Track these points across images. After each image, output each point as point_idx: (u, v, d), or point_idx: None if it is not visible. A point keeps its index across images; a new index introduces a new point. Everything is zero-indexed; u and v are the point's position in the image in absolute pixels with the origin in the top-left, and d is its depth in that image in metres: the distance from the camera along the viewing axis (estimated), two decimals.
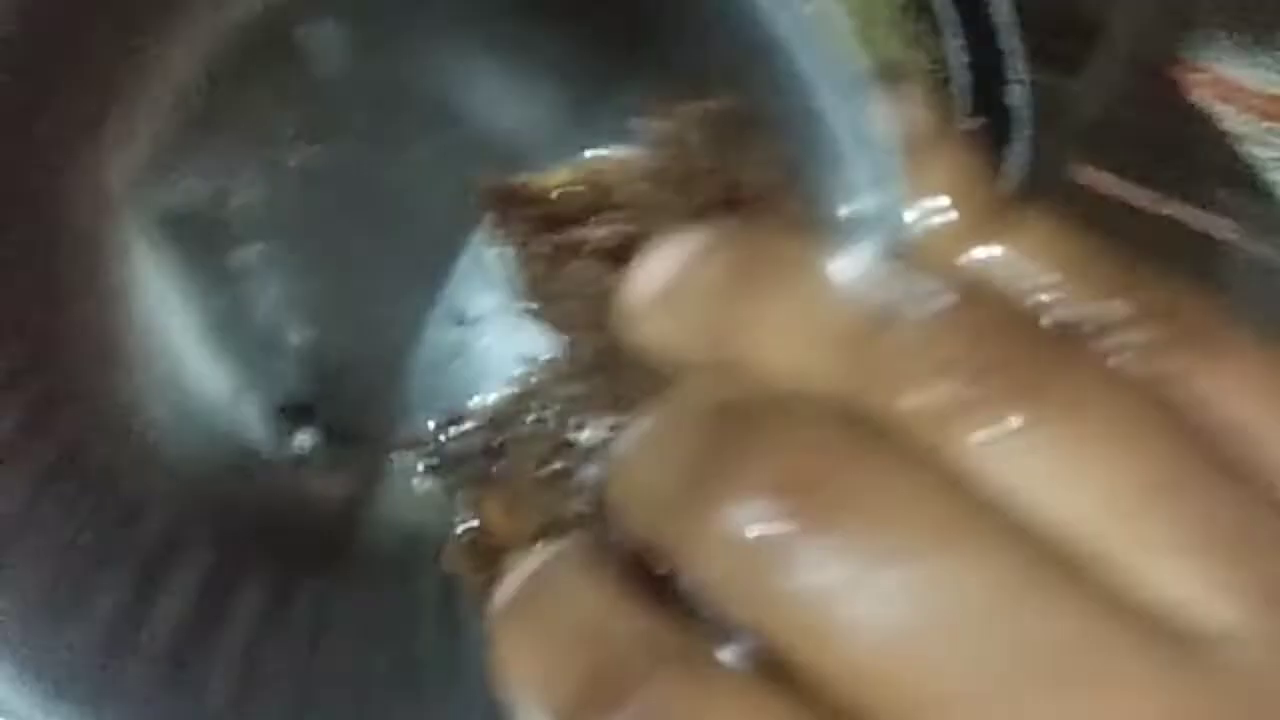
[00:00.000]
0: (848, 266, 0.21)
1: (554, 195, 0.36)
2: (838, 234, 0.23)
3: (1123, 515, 0.19)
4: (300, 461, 0.39)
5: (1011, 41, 0.44)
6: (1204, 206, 0.57)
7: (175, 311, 0.38)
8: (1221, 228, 0.57)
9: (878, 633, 0.19)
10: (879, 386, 0.20)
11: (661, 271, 0.23)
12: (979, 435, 0.19)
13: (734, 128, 0.32)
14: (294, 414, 0.39)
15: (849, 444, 0.20)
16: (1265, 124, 0.56)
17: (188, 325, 0.38)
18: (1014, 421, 0.19)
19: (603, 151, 0.35)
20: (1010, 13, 0.44)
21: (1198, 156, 0.56)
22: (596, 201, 0.36)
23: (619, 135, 0.35)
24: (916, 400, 0.19)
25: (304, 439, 0.39)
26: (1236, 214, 0.58)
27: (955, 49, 0.44)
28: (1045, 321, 0.21)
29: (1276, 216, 0.57)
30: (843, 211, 0.23)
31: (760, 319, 0.21)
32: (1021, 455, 0.19)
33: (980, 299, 0.21)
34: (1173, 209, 0.57)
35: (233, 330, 0.39)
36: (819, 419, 0.20)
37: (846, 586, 0.19)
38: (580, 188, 0.35)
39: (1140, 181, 0.56)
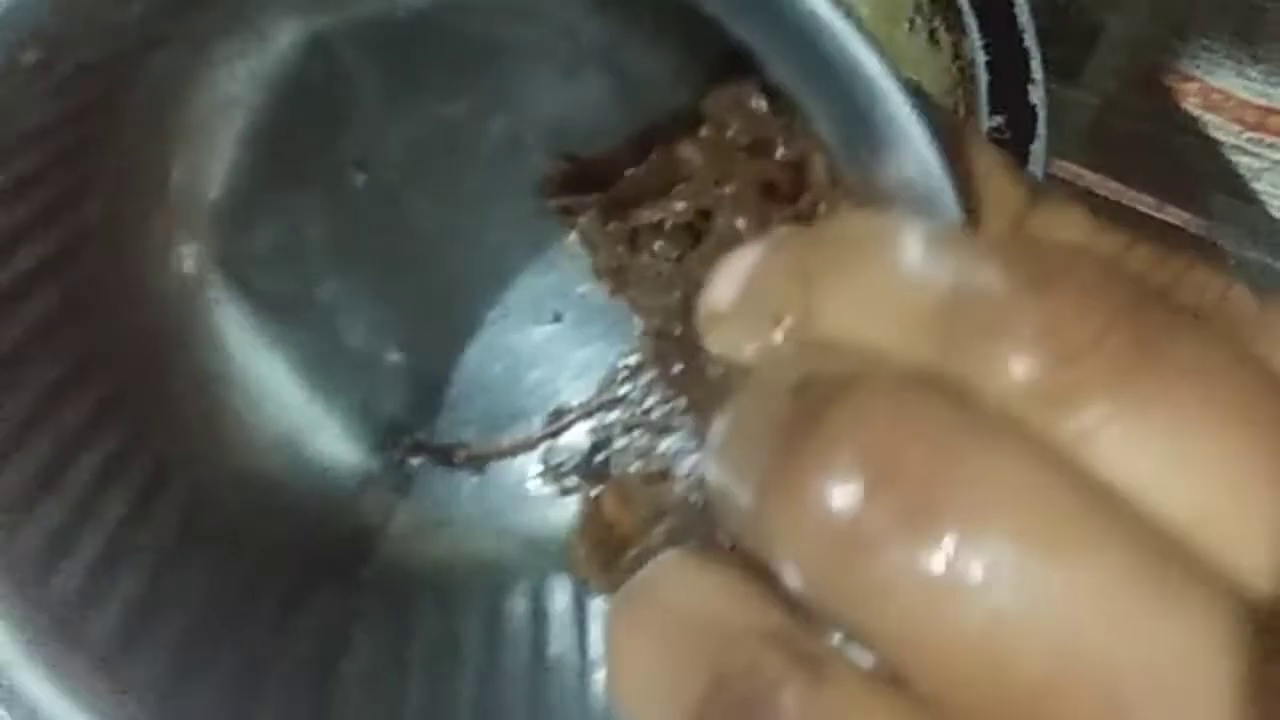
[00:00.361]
0: (920, 238, 0.20)
1: (625, 175, 0.35)
2: (896, 210, 0.22)
3: (1236, 498, 0.17)
4: (398, 481, 0.38)
5: (1033, 42, 0.46)
6: (1195, 211, 0.59)
7: (272, 354, 0.38)
8: (1214, 231, 0.60)
9: (978, 634, 0.17)
10: (972, 359, 0.18)
11: (734, 275, 0.22)
12: (1082, 417, 0.17)
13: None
14: (392, 435, 0.38)
15: (941, 416, 0.18)
16: (1250, 133, 0.59)
17: (286, 365, 0.38)
18: (1120, 404, 0.17)
19: (664, 125, 0.34)
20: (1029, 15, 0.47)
21: (1188, 163, 0.59)
22: (667, 177, 0.34)
23: (683, 110, 0.34)
24: (1015, 375, 0.18)
25: (402, 458, 0.38)
26: (1225, 219, 0.61)
27: (977, 48, 0.46)
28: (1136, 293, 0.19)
29: (1263, 222, 0.59)
30: (893, 191, 0.22)
31: (837, 295, 0.20)
32: (1128, 440, 0.17)
33: (1073, 265, 0.19)
34: (1170, 214, 0.60)
35: (331, 362, 0.38)
36: (910, 389, 0.18)
37: (944, 582, 0.17)
38: (646, 164, 0.34)
39: (1135, 186, 0.58)
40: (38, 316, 0.31)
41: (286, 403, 0.38)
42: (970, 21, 0.43)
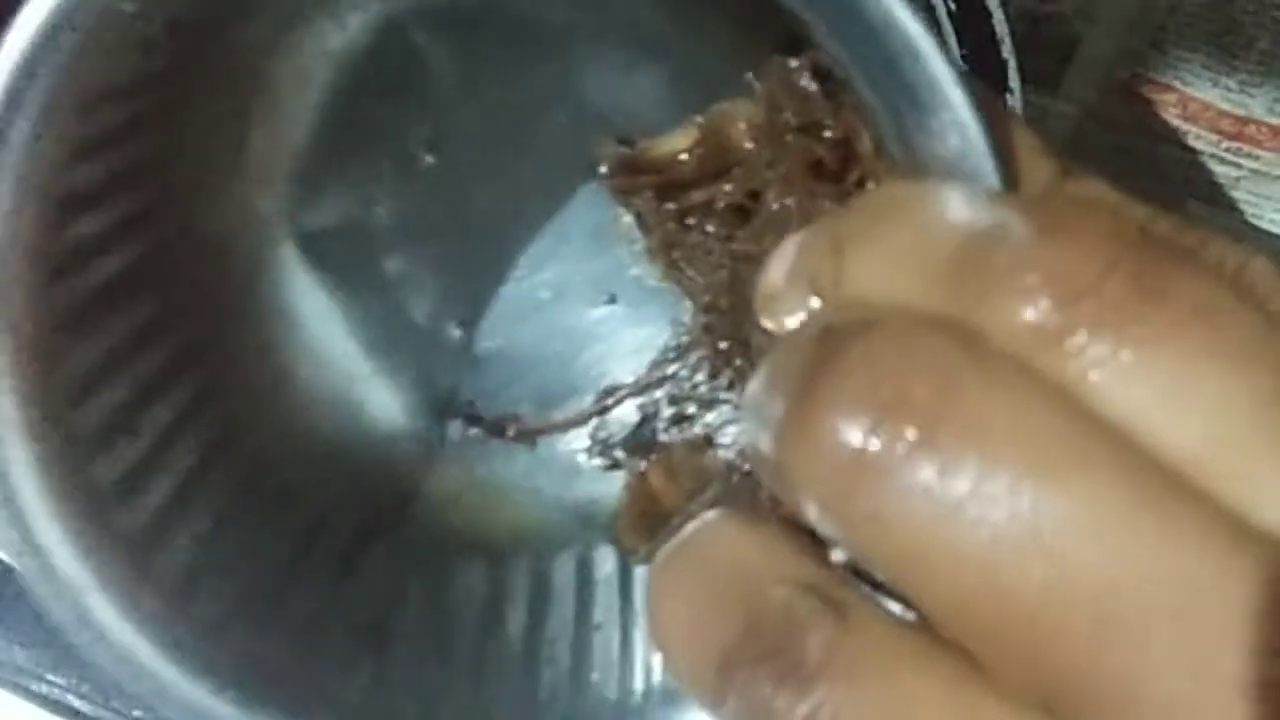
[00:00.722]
0: (944, 199, 0.21)
1: (679, 159, 0.36)
2: (933, 175, 0.23)
3: (1234, 431, 0.18)
4: (452, 451, 0.40)
5: (1010, 52, 0.45)
6: None
7: (339, 326, 0.39)
8: None
9: (978, 557, 0.17)
10: (985, 304, 0.19)
11: (784, 256, 0.23)
12: (1083, 356, 0.18)
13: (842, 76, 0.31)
14: (449, 407, 0.40)
15: (949, 355, 0.18)
16: (1228, 142, 0.57)
17: (351, 335, 0.40)
18: (1117, 343, 0.18)
19: (717, 108, 0.36)
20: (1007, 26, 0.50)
21: (1167, 172, 0.57)
22: (718, 160, 0.36)
23: (732, 93, 0.35)
24: (1022, 317, 0.18)
25: (458, 430, 0.40)
26: (1203, 227, 0.63)
27: (955, 58, 0.44)
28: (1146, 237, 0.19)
29: (1242, 229, 0.61)
30: (933, 156, 0.23)
31: (867, 257, 0.21)
32: (1127, 376, 0.18)
33: (1087, 212, 0.20)
34: None
35: (394, 335, 0.40)
36: (919, 330, 0.19)
37: (946, 506, 0.17)
38: (700, 149, 0.36)
39: None
40: (119, 270, 0.33)
41: (349, 371, 0.40)
42: (948, 30, 0.44)
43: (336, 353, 0.39)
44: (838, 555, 0.20)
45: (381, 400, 0.40)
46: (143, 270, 0.33)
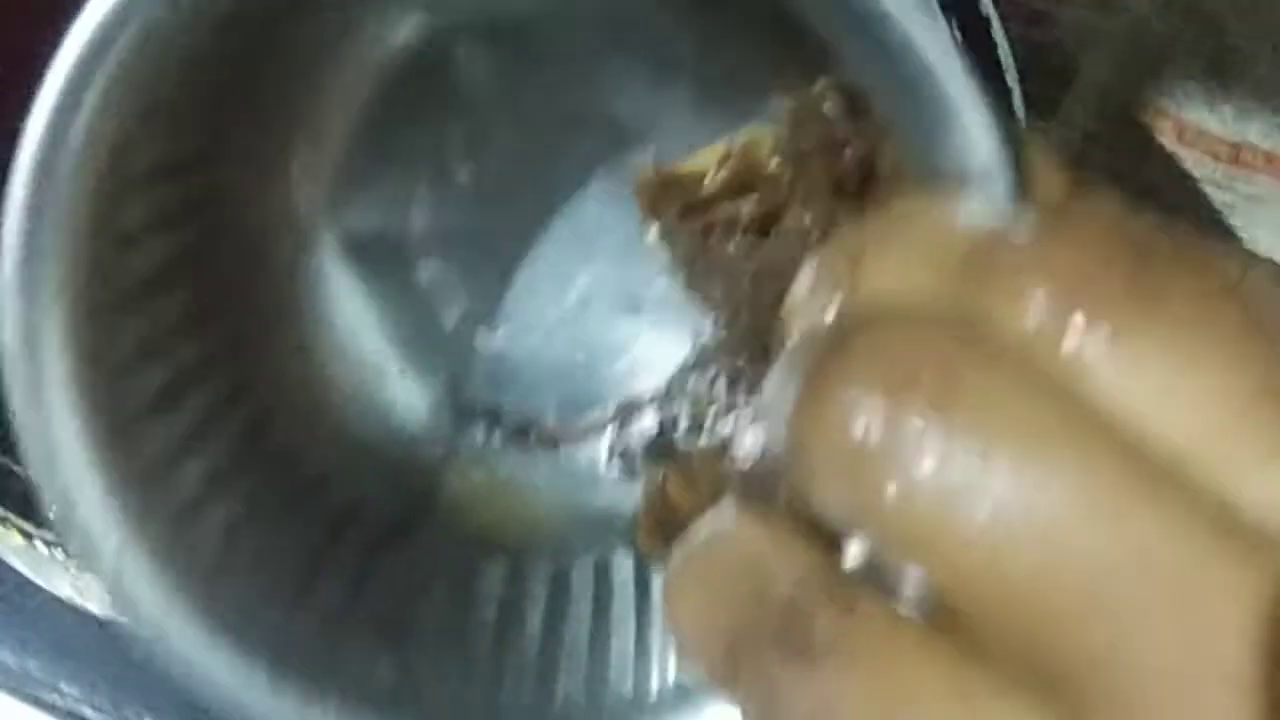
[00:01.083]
0: (964, 208, 0.22)
1: (705, 178, 0.37)
2: (951, 189, 0.23)
3: (1225, 424, 0.18)
4: (477, 454, 0.41)
5: (1014, 80, 0.46)
6: None
7: (371, 328, 0.41)
8: None
9: (976, 538, 0.18)
10: (986, 299, 0.20)
11: (808, 271, 0.23)
12: (1080, 354, 0.19)
13: (865, 96, 0.32)
14: (475, 411, 0.41)
15: (952, 348, 0.19)
16: (1224, 169, 0.58)
17: (383, 338, 0.41)
18: (1112, 340, 0.19)
19: (744, 131, 0.37)
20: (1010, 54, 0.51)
21: (1163, 197, 0.57)
22: (743, 180, 0.37)
23: (758, 114, 0.37)
24: (1023, 315, 0.19)
25: (482, 434, 0.41)
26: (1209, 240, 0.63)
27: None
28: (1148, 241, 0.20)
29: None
30: (951, 171, 0.24)
31: (880, 263, 0.22)
32: (1121, 371, 0.19)
33: (1088, 217, 0.21)
34: None
35: (425, 340, 0.41)
36: (925, 325, 0.20)
37: (947, 488, 0.18)
38: (726, 168, 0.37)
39: None
40: (166, 257, 0.34)
41: (380, 371, 0.41)
42: None
43: (368, 354, 0.41)
44: (851, 552, 0.21)
45: (410, 401, 0.41)
46: (187, 260, 0.35)
